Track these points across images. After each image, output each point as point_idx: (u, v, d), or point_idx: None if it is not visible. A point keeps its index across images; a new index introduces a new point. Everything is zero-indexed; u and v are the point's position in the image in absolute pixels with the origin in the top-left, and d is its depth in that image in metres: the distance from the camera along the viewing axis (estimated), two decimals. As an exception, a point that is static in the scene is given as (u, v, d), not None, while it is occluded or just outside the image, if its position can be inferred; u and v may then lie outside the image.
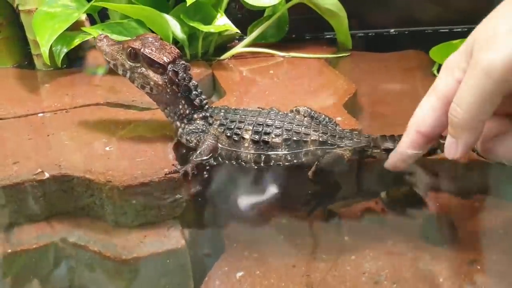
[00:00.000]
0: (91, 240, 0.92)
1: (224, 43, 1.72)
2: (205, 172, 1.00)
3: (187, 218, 0.96)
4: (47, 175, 0.96)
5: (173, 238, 0.91)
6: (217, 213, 1.05)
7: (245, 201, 1.06)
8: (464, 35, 0.82)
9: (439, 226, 1.00)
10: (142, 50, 1.00)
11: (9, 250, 0.91)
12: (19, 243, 0.92)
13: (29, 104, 1.31)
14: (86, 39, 1.51)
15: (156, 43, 1.03)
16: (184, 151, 1.06)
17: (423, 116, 0.84)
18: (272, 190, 1.07)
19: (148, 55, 1.00)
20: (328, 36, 1.86)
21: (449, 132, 0.81)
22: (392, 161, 0.92)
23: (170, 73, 1.01)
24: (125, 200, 0.93)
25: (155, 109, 1.14)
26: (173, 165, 0.98)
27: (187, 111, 1.04)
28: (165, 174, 0.94)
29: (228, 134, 1.01)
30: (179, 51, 1.04)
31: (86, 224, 0.97)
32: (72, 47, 1.50)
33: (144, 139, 1.09)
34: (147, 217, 0.94)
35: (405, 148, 0.88)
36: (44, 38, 1.40)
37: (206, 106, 1.06)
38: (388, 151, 0.98)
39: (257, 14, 1.71)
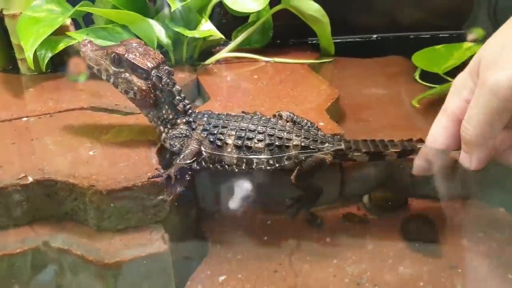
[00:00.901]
0: (74, 244, 0.92)
1: (209, 48, 1.73)
2: (188, 176, 0.99)
3: (170, 222, 0.95)
4: (30, 179, 0.96)
5: (155, 242, 0.91)
6: (200, 217, 1.05)
7: (228, 204, 1.07)
8: (446, 40, 0.85)
9: (420, 230, 1.02)
10: (126, 55, 1.00)
11: (-8, 255, 0.91)
12: (2, 248, 0.92)
13: (13, 108, 1.31)
14: (70, 43, 1.50)
15: (140, 49, 1.03)
16: (168, 155, 1.06)
17: (436, 135, 0.90)
18: (255, 194, 1.08)
19: (132, 61, 1.00)
20: (311, 42, 1.88)
21: (462, 148, 0.85)
22: (417, 167, 0.97)
23: (153, 78, 1.01)
24: (108, 205, 0.92)
25: (139, 113, 1.14)
26: (156, 169, 0.97)
27: (171, 116, 1.04)
28: (148, 179, 0.94)
29: (211, 139, 1.01)
30: (162, 56, 1.04)
31: (69, 228, 0.96)
32: (57, 51, 1.49)
33: (127, 144, 1.09)
34: (130, 221, 0.94)
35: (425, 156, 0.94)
36: (29, 43, 1.40)
37: (190, 111, 1.06)
38: (368, 154, 1.00)
39: (242, 19, 1.72)
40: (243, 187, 1.09)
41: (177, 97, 1.04)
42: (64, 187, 0.96)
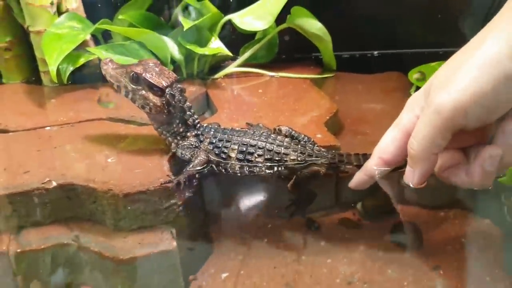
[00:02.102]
0: (93, 242, 0.98)
1: (218, 63, 1.76)
2: (196, 182, 1.04)
3: (180, 222, 1.00)
4: (54, 183, 1.01)
5: (166, 241, 0.96)
6: (207, 219, 1.10)
7: (232, 208, 1.12)
8: (443, 57, 0.89)
9: (407, 235, 1.05)
10: (143, 74, 1.06)
11: (19, 250, 0.96)
12: (27, 244, 0.97)
13: (37, 118, 1.35)
14: (90, 58, 1.56)
15: (156, 69, 1.08)
16: (178, 163, 1.10)
17: (386, 145, 0.93)
18: (256, 199, 1.13)
19: (149, 79, 1.06)
20: (315, 56, 1.88)
21: (408, 162, 0.89)
22: (356, 180, 1.00)
23: (167, 96, 1.07)
24: (124, 207, 0.98)
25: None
26: (167, 175, 1.03)
27: (181, 130, 1.10)
28: (161, 184, 0.99)
29: (217, 152, 1.08)
30: (176, 75, 1.10)
31: (88, 227, 1.02)
32: (78, 66, 1.55)
33: (142, 152, 1.14)
34: (143, 222, 0.99)
35: (368, 170, 0.96)
36: (52, 58, 1.45)
37: (198, 125, 1.12)
38: (360, 167, 1.02)
39: (249, 36, 1.75)
40: (245, 193, 1.13)
41: (188, 113, 1.11)
42: (84, 191, 1.01)
